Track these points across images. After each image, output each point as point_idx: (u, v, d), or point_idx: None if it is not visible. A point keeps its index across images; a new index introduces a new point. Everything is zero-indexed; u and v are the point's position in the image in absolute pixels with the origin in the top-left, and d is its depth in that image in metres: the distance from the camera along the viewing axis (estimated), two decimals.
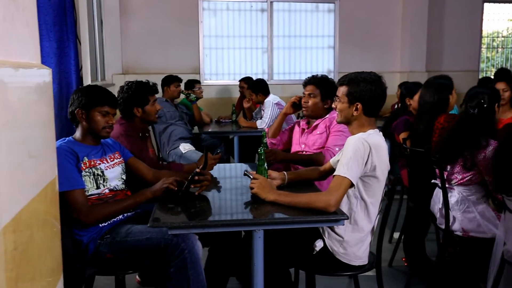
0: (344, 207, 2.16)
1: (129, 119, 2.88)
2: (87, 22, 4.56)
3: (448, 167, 2.72)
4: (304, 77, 6.99)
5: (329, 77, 3.21)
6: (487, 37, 8.35)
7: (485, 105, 2.62)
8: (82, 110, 2.28)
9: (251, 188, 2.13)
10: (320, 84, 3.08)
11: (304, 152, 3.08)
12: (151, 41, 6.55)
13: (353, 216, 2.17)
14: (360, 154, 2.04)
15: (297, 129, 3.25)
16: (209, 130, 5.15)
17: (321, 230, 2.23)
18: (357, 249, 2.19)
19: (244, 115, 5.84)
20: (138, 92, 2.85)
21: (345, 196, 2.15)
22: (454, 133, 2.69)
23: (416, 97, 3.36)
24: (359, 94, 2.14)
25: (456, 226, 2.67)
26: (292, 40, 7.10)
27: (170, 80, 5.12)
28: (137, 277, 3.08)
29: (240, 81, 6.10)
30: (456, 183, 2.69)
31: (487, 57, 8.87)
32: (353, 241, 2.18)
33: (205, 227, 1.88)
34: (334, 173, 2.05)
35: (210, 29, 6.85)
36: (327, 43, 7.18)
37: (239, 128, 5.21)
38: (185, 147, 4.73)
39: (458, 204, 2.66)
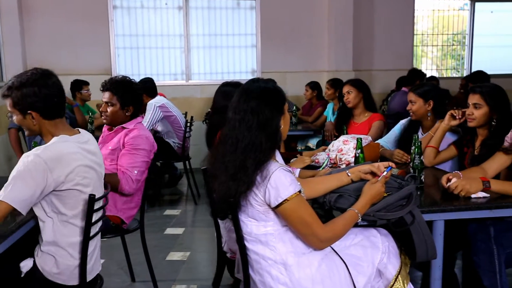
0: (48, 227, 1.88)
1: None
2: None
3: None
4: (226, 77, 6.82)
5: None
6: (459, 34, 8.04)
7: None
8: None
9: None
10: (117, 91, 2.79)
11: None
12: (58, 41, 6.29)
13: (54, 232, 1.87)
14: (30, 174, 1.73)
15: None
16: None
17: (36, 249, 1.94)
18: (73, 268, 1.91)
19: None
20: None
21: (44, 214, 1.86)
22: None
23: None
24: (24, 101, 1.84)
25: (225, 247, 2.37)
26: (212, 38, 6.81)
27: None
28: None
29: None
30: None
31: (459, 55, 8.60)
32: (63, 261, 1.89)
33: None
34: None
35: (123, 27, 6.57)
36: (250, 41, 6.87)
37: None
38: None
39: (224, 222, 2.35)
